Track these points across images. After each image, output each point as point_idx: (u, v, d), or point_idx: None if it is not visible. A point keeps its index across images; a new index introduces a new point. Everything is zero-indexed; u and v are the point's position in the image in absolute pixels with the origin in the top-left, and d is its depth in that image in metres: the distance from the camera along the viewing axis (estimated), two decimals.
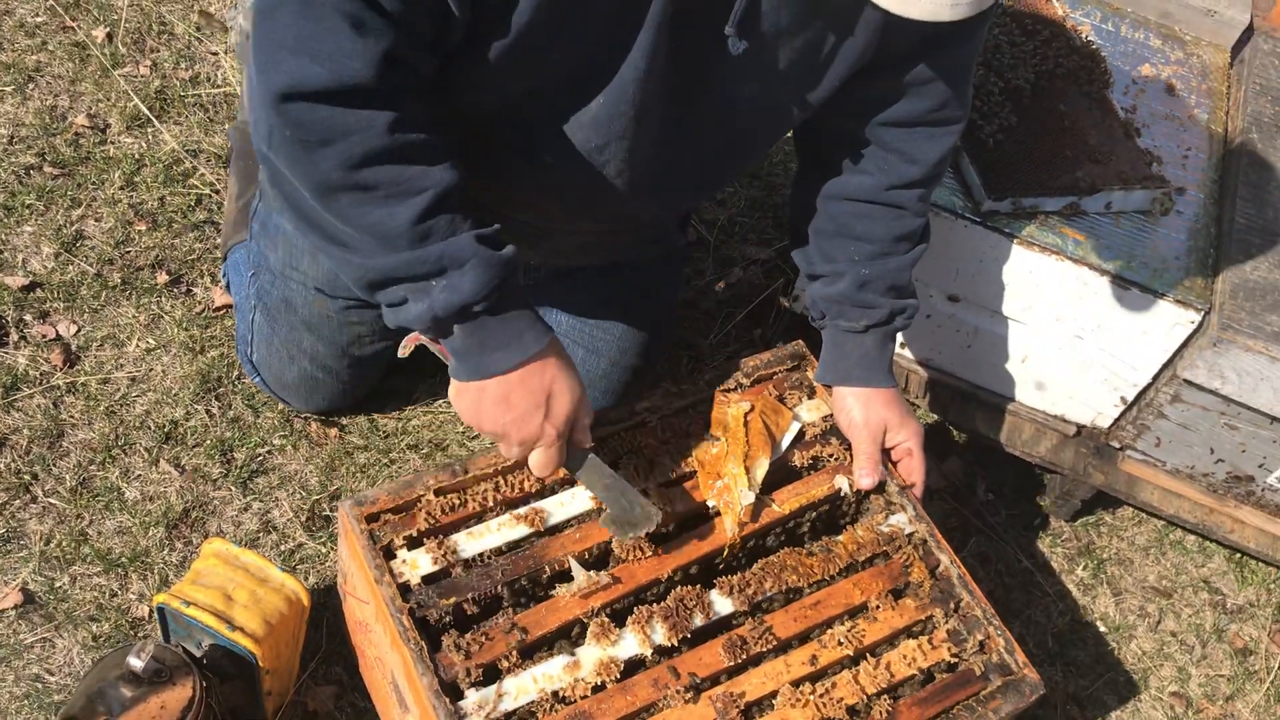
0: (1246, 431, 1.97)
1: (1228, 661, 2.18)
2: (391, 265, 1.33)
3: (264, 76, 1.25)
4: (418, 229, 1.31)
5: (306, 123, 1.25)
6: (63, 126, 2.37)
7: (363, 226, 1.31)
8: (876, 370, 1.74)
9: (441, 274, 1.33)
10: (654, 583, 1.52)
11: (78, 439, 1.98)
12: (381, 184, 1.29)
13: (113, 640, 1.78)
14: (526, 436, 1.43)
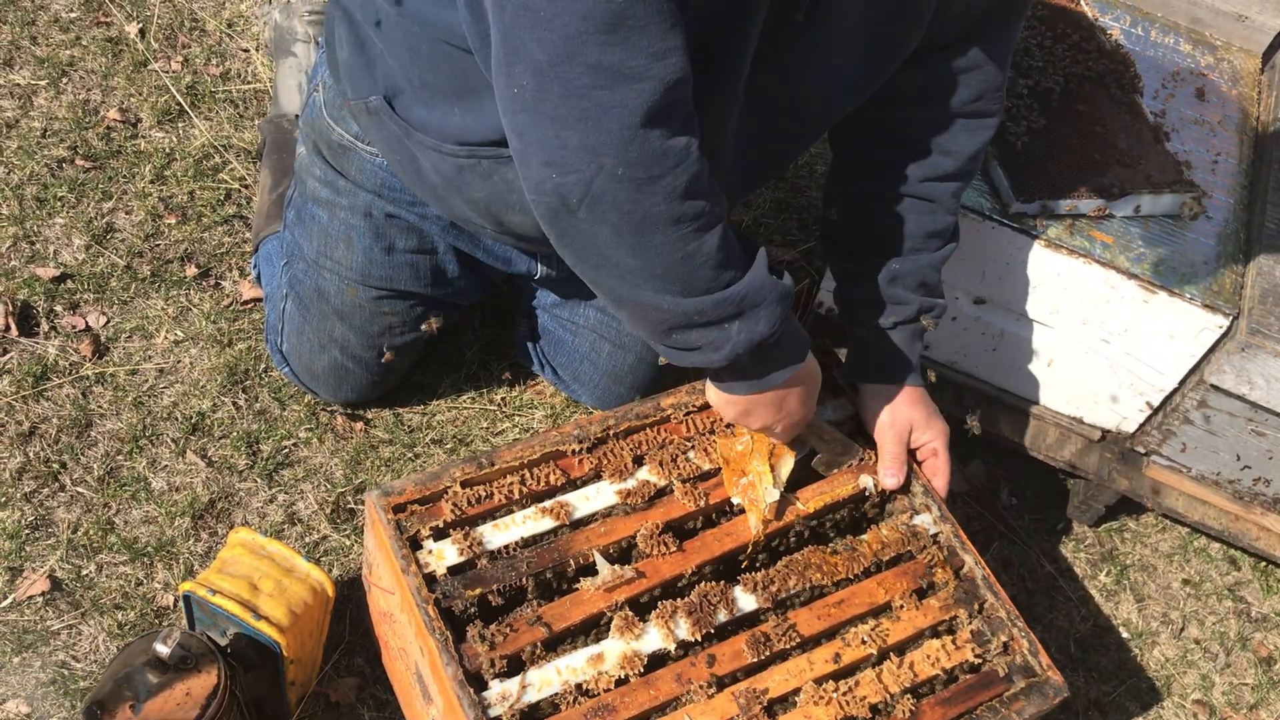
0: (1274, 438, 1.96)
1: (1252, 670, 2.16)
2: (695, 308, 1.36)
3: (582, 125, 1.22)
4: (719, 256, 1.34)
5: (640, 157, 1.24)
6: (95, 120, 2.39)
7: (674, 261, 1.32)
8: (903, 368, 1.74)
9: (739, 316, 1.38)
10: (678, 578, 1.53)
11: (106, 429, 1.99)
12: (697, 215, 1.31)
13: (138, 628, 1.79)
14: (791, 428, 1.56)
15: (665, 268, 1.33)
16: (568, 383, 2.14)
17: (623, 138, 1.23)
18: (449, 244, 1.91)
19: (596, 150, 1.23)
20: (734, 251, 1.36)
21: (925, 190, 1.71)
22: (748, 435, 1.64)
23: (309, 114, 1.89)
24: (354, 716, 1.78)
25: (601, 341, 2.07)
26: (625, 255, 1.33)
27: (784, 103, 1.57)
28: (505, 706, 1.38)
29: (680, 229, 1.31)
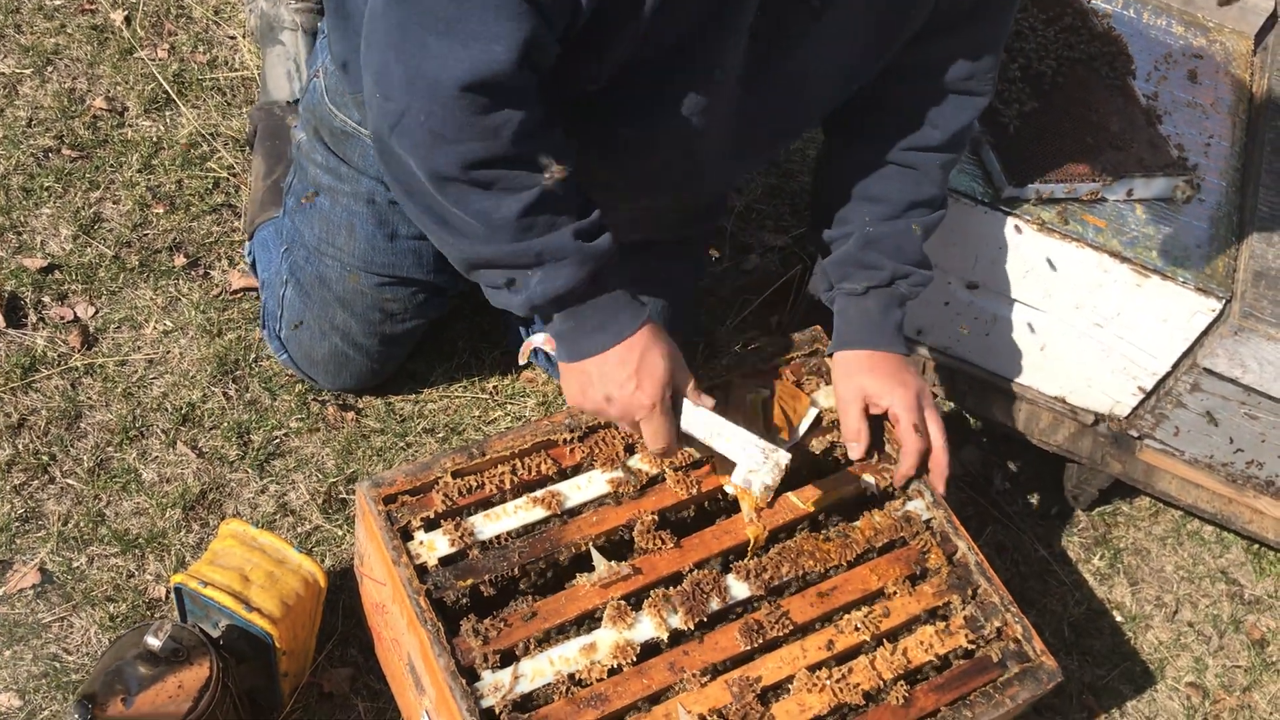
0: (1267, 421, 1.96)
1: (1245, 652, 2.17)
2: (491, 253, 1.40)
3: (406, 59, 1.27)
4: (521, 222, 1.36)
5: (445, 115, 1.28)
6: (81, 109, 2.37)
7: (471, 213, 1.36)
8: (874, 333, 1.70)
9: (539, 266, 1.39)
10: (675, 575, 1.52)
11: (95, 420, 1.98)
12: (494, 182, 1.34)
13: (130, 620, 1.78)
14: (626, 411, 1.47)
15: (460, 218, 1.37)
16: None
17: (433, 90, 1.27)
18: None
19: (411, 88, 1.28)
20: (547, 215, 1.38)
21: (909, 159, 1.70)
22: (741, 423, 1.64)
23: (310, 100, 1.88)
24: (347, 707, 1.77)
25: None
26: (428, 190, 1.38)
27: (787, 84, 1.56)
28: (498, 697, 1.38)
29: (473, 190, 1.34)
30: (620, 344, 1.44)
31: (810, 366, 1.77)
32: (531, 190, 1.36)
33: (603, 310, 1.44)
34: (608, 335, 1.44)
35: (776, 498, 1.58)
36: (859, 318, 1.72)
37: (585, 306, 1.44)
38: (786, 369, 1.76)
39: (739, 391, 1.68)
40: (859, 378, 1.67)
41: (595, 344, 1.45)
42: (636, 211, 1.79)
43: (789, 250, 2.50)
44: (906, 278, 1.73)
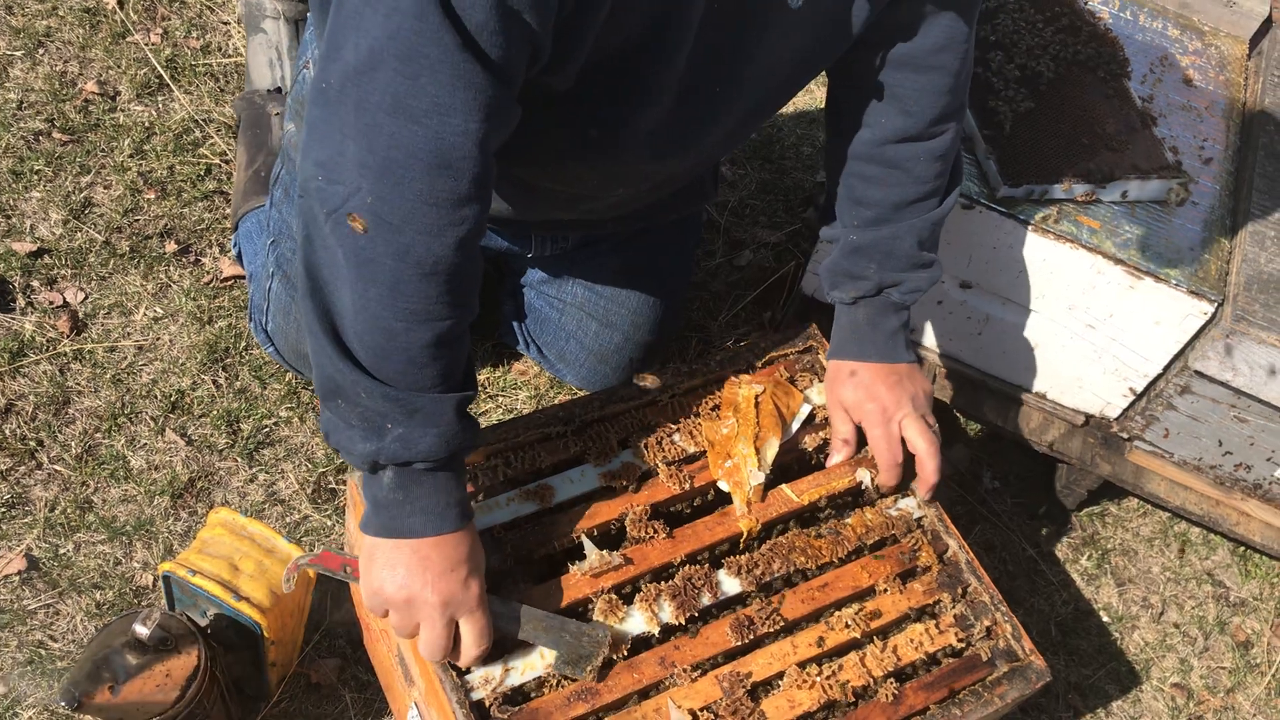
0: (1256, 425, 1.97)
1: (1229, 654, 2.18)
2: (366, 386, 1.25)
3: (360, 139, 1.16)
4: (422, 355, 1.25)
5: (394, 198, 1.17)
6: (72, 93, 2.35)
7: (377, 328, 1.23)
8: (860, 345, 1.68)
9: (407, 421, 1.26)
10: (666, 566, 1.52)
11: (84, 406, 1.97)
12: (419, 297, 1.22)
13: (116, 608, 1.77)
14: (451, 603, 1.31)
15: (368, 327, 1.23)
16: (553, 362, 2.13)
17: (384, 170, 1.16)
18: None
19: (363, 170, 1.16)
20: (440, 369, 1.27)
21: (888, 155, 1.65)
22: (733, 418, 1.64)
23: (299, 90, 1.87)
24: (335, 697, 1.77)
25: (588, 320, 2.06)
26: (343, 290, 1.23)
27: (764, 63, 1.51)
28: (488, 689, 1.37)
29: (397, 300, 1.21)
30: (445, 535, 1.31)
31: (804, 363, 1.77)
32: (446, 323, 1.24)
33: (440, 494, 1.31)
34: (431, 522, 1.30)
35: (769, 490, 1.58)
36: (848, 328, 1.71)
37: (425, 482, 1.30)
38: (780, 365, 1.76)
39: (731, 388, 1.68)
40: (839, 389, 1.67)
41: (417, 526, 1.30)
42: (615, 199, 1.77)
43: (782, 246, 2.50)
44: (897, 286, 1.69)
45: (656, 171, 1.65)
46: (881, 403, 1.64)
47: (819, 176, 2.67)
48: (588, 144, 1.53)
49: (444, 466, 1.31)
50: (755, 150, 2.69)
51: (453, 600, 1.31)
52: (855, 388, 1.66)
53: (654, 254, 2.06)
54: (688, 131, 1.55)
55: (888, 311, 1.70)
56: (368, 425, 1.27)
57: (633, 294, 2.05)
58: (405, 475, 1.30)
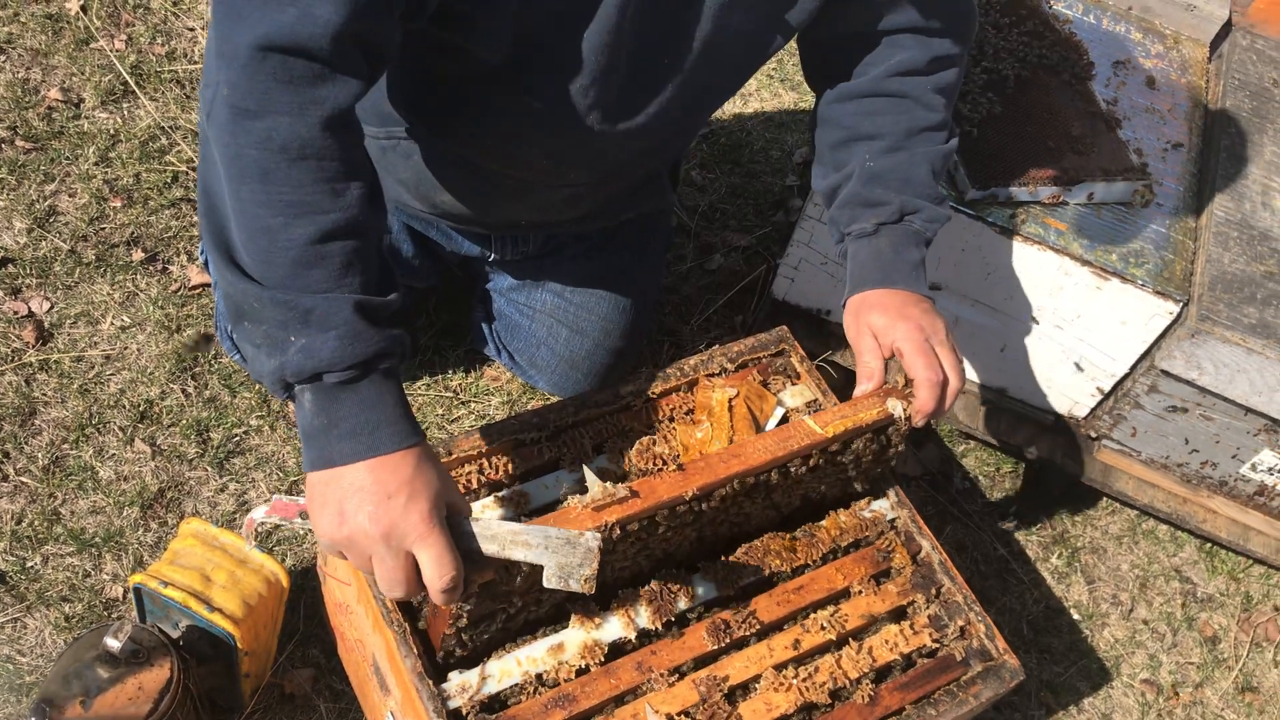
0: (1221, 422, 2.00)
1: (1197, 649, 2.20)
2: (255, 294, 1.17)
3: (220, 33, 1.14)
4: (306, 253, 1.16)
5: (248, 83, 1.13)
6: (35, 100, 2.33)
7: (256, 228, 1.16)
8: (886, 271, 1.57)
9: (304, 328, 1.17)
10: (677, 501, 1.37)
11: (50, 417, 1.95)
12: (291, 185, 1.16)
13: (86, 621, 1.75)
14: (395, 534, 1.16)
15: (249, 230, 1.16)
16: (524, 368, 2.13)
17: (239, 55, 1.12)
18: (402, 223, 1.91)
19: (221, 62, 1.13)
20: (333, 269, 1.17)
21: (894, 86, 1.62)
22: (707, 422, 1.64)
23: None
24: (309, 707, 1.76)
25: (558, 326, 2.06)
26: (227, 199, 1.18)
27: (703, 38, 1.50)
28: (465, 698, 1.37)
29: (270, 192, 1.15)
30: (377, 458, 1.17)
31: (777, 366, 1.77)
32: (330, 216, 1.17)
33: (365, 411, 1.18)
34: (360, 445, 1.17)
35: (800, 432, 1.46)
36: (870, 258, 1.60)
37: (345, 399, 1.18)
38: (753, 369, 1.76)
39: (705, 392, 1.69)
40: (865, 315, 1.56)
41: (346, 451, 1.17)
42: (572, 187, 1.76)
43: (753, 250, 2.51)
44: (918, 213, 1.60)
45: (604, 152, 1.63)
46: (917, 322, 1.53)
47: (789, 180, 2.68)
48: (531, 118, 1.52)
49: (363, 378, 1.18)
50: (725, 154, 2.70)
51: (395, 530, 1.16)
52: (885, 311, 1.55)
53: (623, 259, 2.06)
54: (629, 103, 1.53)
55: (909, 242, 1.61)
56: (271, 342, 1.18)
57: (602, 300, 2.05)
58: (323, 395, 1.18)
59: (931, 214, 1.62)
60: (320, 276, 1.17)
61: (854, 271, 1.62)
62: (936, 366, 1.50)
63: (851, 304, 1.60)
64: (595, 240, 2.02)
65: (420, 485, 1.18)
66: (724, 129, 2.76)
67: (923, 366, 1.50)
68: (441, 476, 1.21)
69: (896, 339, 1.53)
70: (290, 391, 1.20)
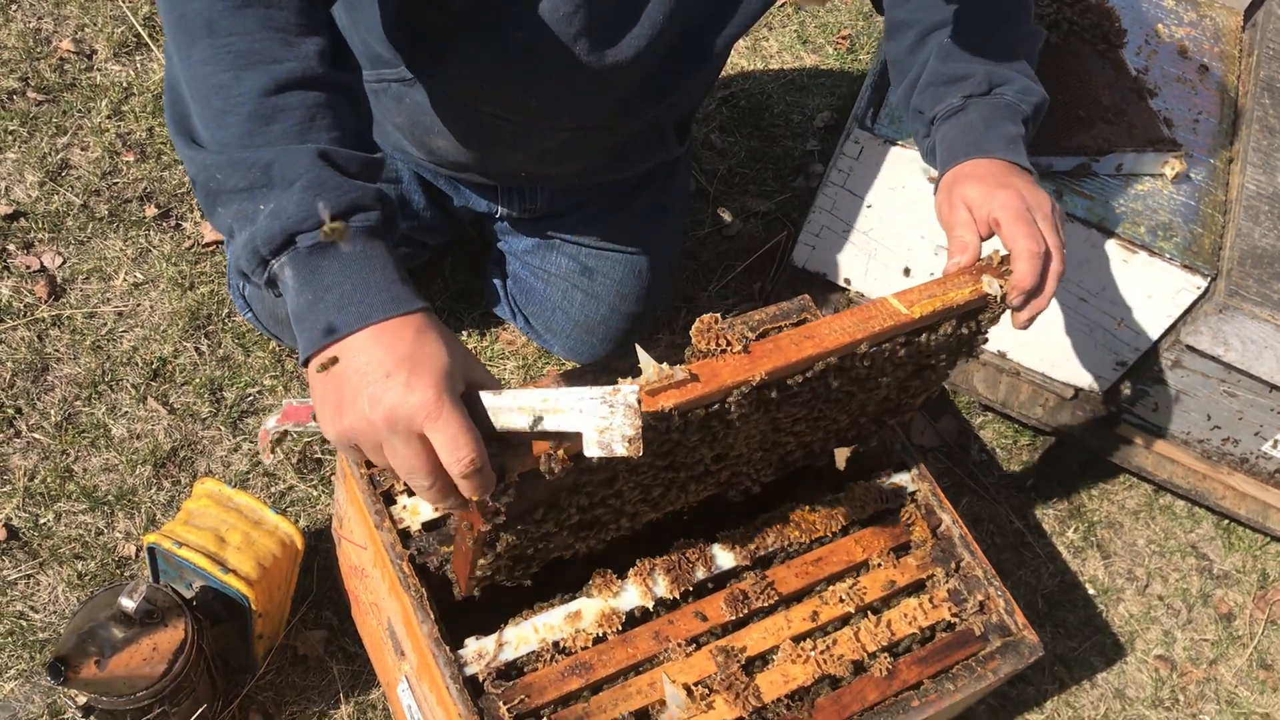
0: (1245, 399, 1.97)
1: (1212, 626, 2.19)
2: (215, 161, 1.04)
3: None
4: (260, 106, 1.04)
5: None
6: (47, 51, 2.29)
7: (208, 89, 1.05)
8: (978, 142, 1.42)
9: (266, 189, 1.03)
10: (743, 384, 1.20)
11: (63, 374, 1.93)
12: (238, 33, 1.05)
13: (99, 579, 1.75)
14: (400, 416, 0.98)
15: (203, 94, 1.06)
16: (539, 332, 2.11)
17: None
18: (411, 171, 1.89)
19: None
20: (293, 122, 1.06)
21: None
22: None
23: None
24: (322, 669, 1.75)
25: (574, 291, 2.03)
26: (181, 72, 1.08)
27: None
28: (482, 664, 1.36)
29: (216, 44, 1.05)
30: (370, 328, 1.01)
31: None
32: (284, 65, 1.06)
33: (351, 276, 1.03)
34: (350, 314, 1.02)
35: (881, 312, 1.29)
36: (960, 134, 1.45)
37: (326, 266, 1.02)
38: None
39: None
40: (958, 187, 1.39)
41: (338, 321, 1.02)
42: (568, 132, 1.71)
43: (772, 216, 2.48)
44: (1008, 84, 1.45)
45: (595, 91, 1.59)
46: (1018, 190, 1.36)
47: (809, 145, 2.64)
48: (516, 50, 1.48)
49: (341, 240, 1.03)
50: (745, 118, 2.66)
51: (399, 412, 0.98)
52: (981, 181, 1.38)
53: (639, 223, 2.03)
54: (614, 31, 1.47)
55: (1002, 116, 1.45)
56: (243, 216, 1.04)
57: (618, 264, 2.02)
58: (301, 265, 1.03)
59: (1024, 86, 1.46)
60: (280, 131, 1.05)
61: (943, 153, 1.46)
62: (1038, 237, 1.33)
63: (944, 182, 1.43)
64: (609, 202, 1.99)
65: (424, 358, 1.00)
66: (744, 92, 2.72)
67: (1023, 236, 1.32)
68: (452, 347, 1.04)
69: (994, 208, 1.35)
70: (270, 273, 1.05)
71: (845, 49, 2.88)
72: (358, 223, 1.04)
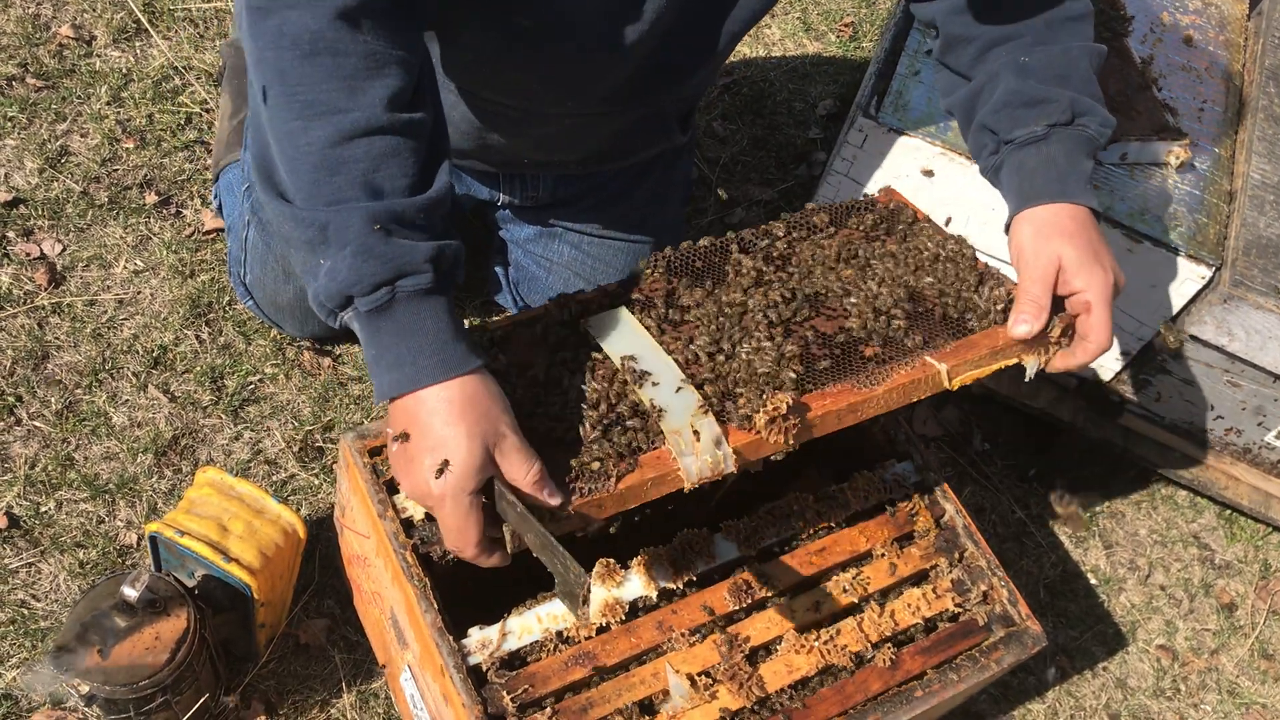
0: (1249, 389, 1.97)
1: (1214, 616, 2.19)
2: (286, 215, 1.13)
3: None
4: (327, 157, 1.10)
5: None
6: (46, 36, 2.28)
7: (281, 135, 1.12)
8: (1064, 183, 1.39)
9: (325, 247, 1.11)
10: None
11: (63, 361, 1.92)
12: (306, 83, 1.10)
13: (100, 567, 1.74)
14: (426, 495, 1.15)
15: (278, 141, 1.13)
16: None
17: None
18: None
19: None
20: (353, 176, 1.11)
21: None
22: None
23: None
24: (324, 658, 1.75)
25: (575, 279, 2.03)
26: (259, 104, 1.15)
27: None
28: (485, 654, 1.36)
29: (288, 91, 1.10)
30: (419, 393, 1.12)
31: None
32: (349, 116, 1.10)
33: (403, 339, 1.12)
34: (405, 374, 1.12)
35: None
36: (1042, 166, 1.41)
37: (383, 326, 1.12)
38: None
39: None
40: (1057, 243, 1.37)
41: (386, 385, 1.14)
42: (572, 119, 1.70)
43: (775, 204, 2.47)
44: (1089, 114, 1.43)
45: (596, 76, 1.57)
46: (1111, 274, 1.37)
47: (812, 133, 2.63)
48: (518, 35, 1.46)
49: (394, 300, 1.11)
50: (747, 105, 2.65)
51: (420, 496, 1.15)
52: (1076, 245, 1.37)
53: (641, 212, 2.03)
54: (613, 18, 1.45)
55: (1082, 150, 1.43)
56: (308, 268, 1.13)
57: (620, 253, 2.02)
58: (362, 323, 1.13)
59: (1104, 119, 1.44)
60: (343, 183, 1.11)
61: (1021, 184, 1.44)
62: (1111, 334, 1.37)
63: (1024, 221, 1.42)
64: (612, 191, 1.99)
65: (450, 442, 1.11)
66: (746, 79, 2.71)
67: (1104, 335, 1.36)
68: (481, 422, 1.12)
69: (1088, 290, 1.36)
70: (342, 323, 1.15)
71: (848, 36, 2.87)
72: (406, 287, 1.11)
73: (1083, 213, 1.40)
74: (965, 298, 1.47)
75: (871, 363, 1.38)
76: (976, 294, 1.48)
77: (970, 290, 1.48)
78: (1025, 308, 1.39)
